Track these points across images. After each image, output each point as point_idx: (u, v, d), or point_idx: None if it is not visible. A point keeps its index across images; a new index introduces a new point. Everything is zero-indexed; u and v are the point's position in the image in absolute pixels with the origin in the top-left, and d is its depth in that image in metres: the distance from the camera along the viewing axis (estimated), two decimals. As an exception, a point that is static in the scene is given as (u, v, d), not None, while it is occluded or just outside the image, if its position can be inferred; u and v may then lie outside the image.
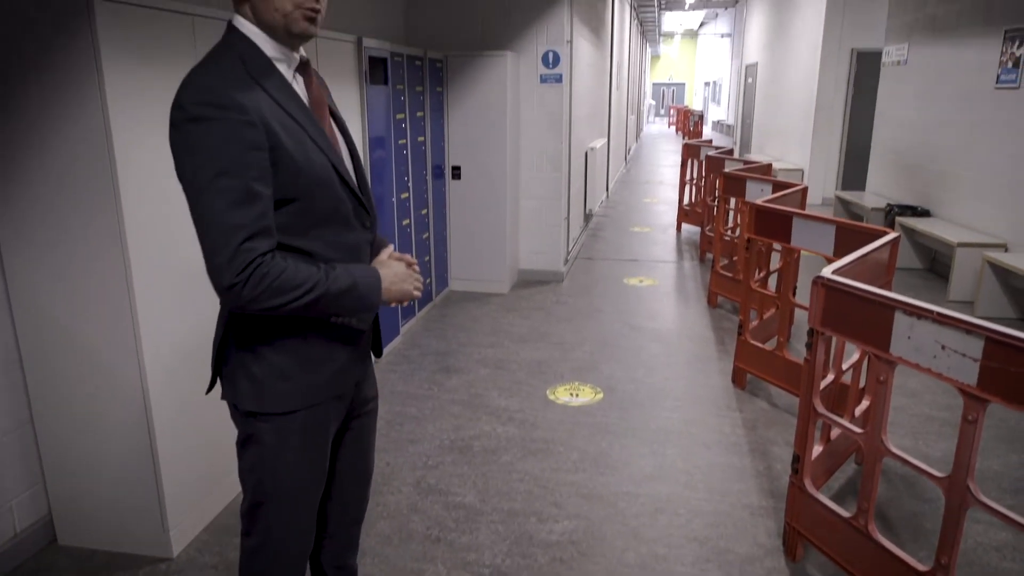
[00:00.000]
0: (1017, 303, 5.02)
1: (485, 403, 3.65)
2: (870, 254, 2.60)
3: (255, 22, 1.35)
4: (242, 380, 1.43)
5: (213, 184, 1.22)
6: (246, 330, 1.42)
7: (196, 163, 1.23)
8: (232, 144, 1.23)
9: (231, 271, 1.22)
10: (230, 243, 1.22)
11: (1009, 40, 5.36)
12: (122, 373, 2.27)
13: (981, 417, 1.79)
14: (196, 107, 1.23)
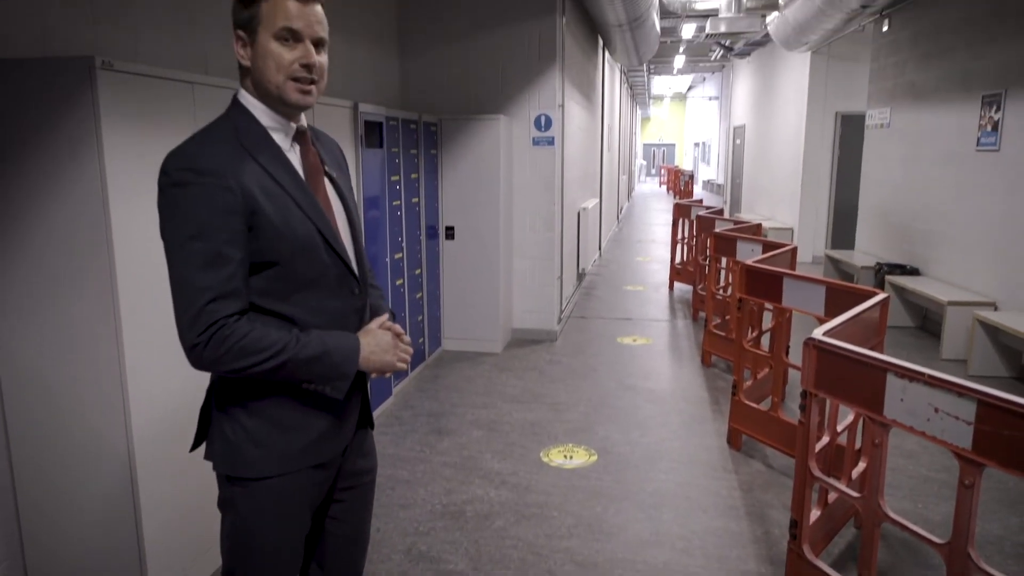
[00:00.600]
0: (1010, 362, 5.03)
1: (478, 466, 3.60)
2: (861, 315, 2.62)
3: (255, 93, 1.41)
4: (218, 442, 1.44)
5: (185, 246, 1.27)
6: (224, 391, 1.43)
7: (173, 225, 1.29)
8: (206, 209, 1.27)
9: (193, 331, 1.26)
10: (194, 304, 1.26)
11: (987, 105, 5.53)
12: (108, 437, 2.23)
13: (978, 481, 1.77)
14: (178, 172, 1.29)
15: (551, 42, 5.58)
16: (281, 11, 1.34)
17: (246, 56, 1.39)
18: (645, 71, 16.96)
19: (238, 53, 1.39)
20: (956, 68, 6.06)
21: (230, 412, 1.42)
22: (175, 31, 2.95)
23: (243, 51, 1.39)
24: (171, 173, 1.29)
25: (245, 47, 1.38)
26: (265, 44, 1.36)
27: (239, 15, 1.37)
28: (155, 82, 2.28)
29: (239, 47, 1.39)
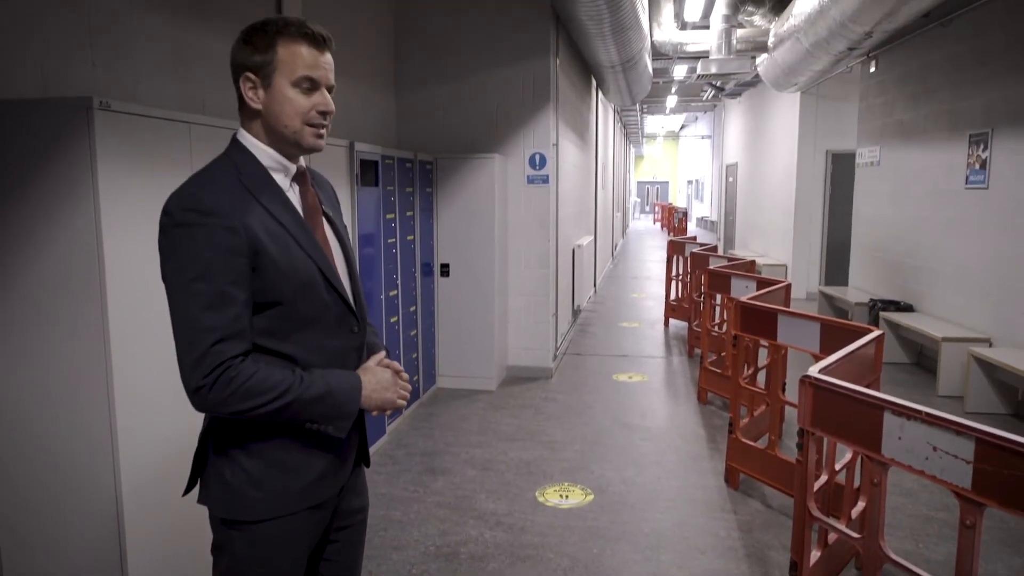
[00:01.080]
0: (1006, 398, 5.01)
1: (472, 506, 3.54)
2: (856, 352, 2.62)
3: (263, 135, 1.42)
4: (215, 485, 1.41)
5: (188, 287, 1.26)
6: (222, 433, 1.40)
7: (176, 266, 1.27)
8: (210, 249, 1.26)
9: (198, 373, 1.24)
10: (199, 345, 1.24)
11: (974, 144, 5.61)
12: (96, 476, 2.19)
13: (979, 521, 1.75)
14: (181, 213, 1.28)
15: (545, 82, 5.67)
16: (300, 60, 1.37)
17: (257, 99, 1.38)
18: (638, 111, 17.22)
19: (247, 95, 1.39)
20: (943, 108, 6.17)
21: (229, 454, 1.39)
22: (173, 73, 2.99)
23: (253, 94, 1.39)
24: (174, 214, 1.28)
25: (255, 90, 1.38)
26: (283, 90, 1.37)
27: (250, 59, 1.37)
28: (152, 122, 2.30)
29: (248, 89, 1.38)
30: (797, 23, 6.12)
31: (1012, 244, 5.12)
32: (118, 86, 2.67)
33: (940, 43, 6.21)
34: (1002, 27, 5.29)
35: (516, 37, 5.64)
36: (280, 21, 1.38)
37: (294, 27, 1.37)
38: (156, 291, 2.30)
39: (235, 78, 1.40)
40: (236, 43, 1.40)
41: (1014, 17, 5.14)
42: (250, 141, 1.42)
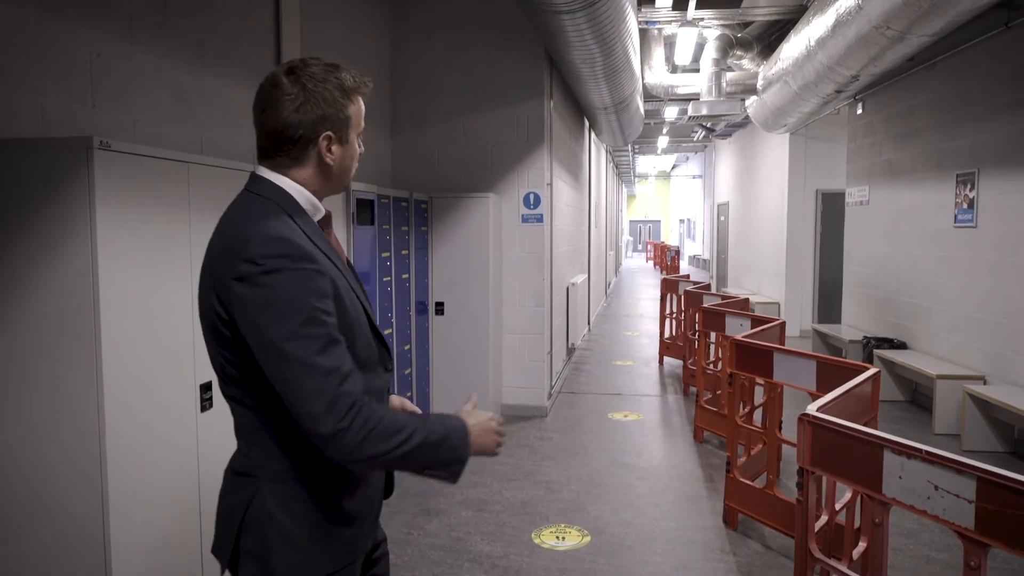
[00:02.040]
0: (1003, 436, 5.00)
1: (467, 548, 3.48)
2: (853, 390, 2.61)
3: (311, 180, 1.38)
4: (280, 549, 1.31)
5: (299, 332, 1.19)
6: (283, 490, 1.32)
7: (277, 315, 1.20)
8: (310, 294, 1.22)
9: (333, 417, 1.18)
10: (327, 390, 1.18)
11: (961, 183, 5.70)
12: (84, 522, 2.15)
13: (984, 562, 1.73)
14: (270, 260, 1.21)
15: (539, 123, 5.75)
16: (361, 111, 1.42)
17: (332, 156, 1.37)
18: (630, 151, 17.45)
19: (326, 152, 1.36)
20: (930, 148, 6.28)
21: (273, 514, 1.31)
22: (172, 114, 3.02)
23: (330, 151, 1.36)
24: (260, 261, 1.21)
25: (333, 145, 1.36)
26: (353, 143, 1.41)
27: (336, 117, 1.35)
28: (151, 162, 2.31)
29: (326, 148, 1.35)
30: (785, 66, 6.26)
31: (1002, 282, 5.16)
32: (117, 126, 2.69)
33: (925, 86, 6.35)
34: (984, 71, 5.43)
35: (511, 79, 5.74)
36: (355, 78, 1.39)
37: (360, 80, 1.40)
38: (149, 333, 2.29)
39: (300, 135, 1.33)
40: (298, 98, 1.32)
41: (994, 62, 5.28)
42: (286, 183, 1.36)
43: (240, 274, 1.21)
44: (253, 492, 1.33)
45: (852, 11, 4.44)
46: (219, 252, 1.29)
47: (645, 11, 6.55)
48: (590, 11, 4.22)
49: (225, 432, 2.67)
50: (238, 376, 1.31)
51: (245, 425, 1.35)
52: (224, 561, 1.37)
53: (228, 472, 1.41)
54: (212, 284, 1.28)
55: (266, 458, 1.33)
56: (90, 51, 2.57)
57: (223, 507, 1.38)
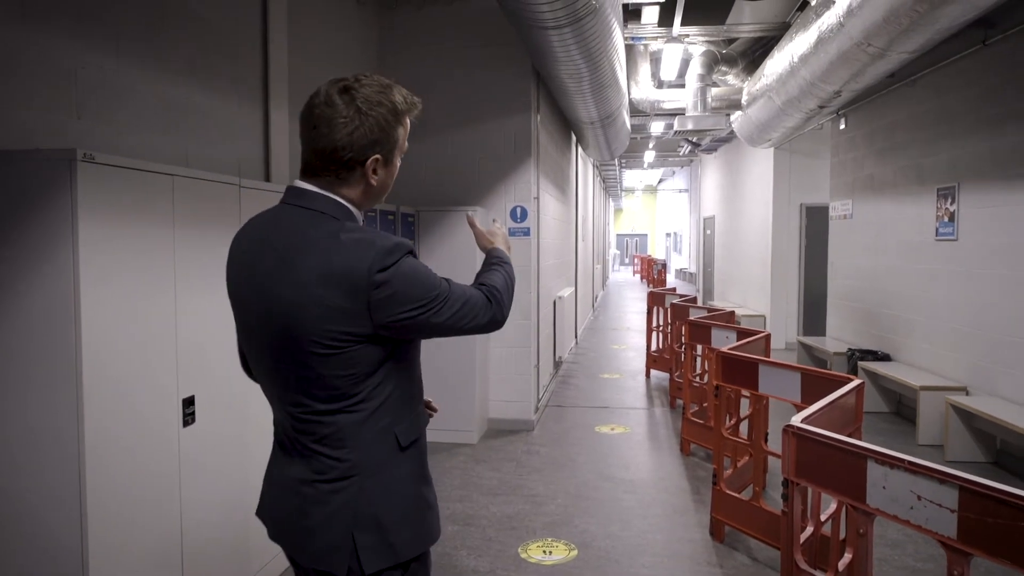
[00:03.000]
0: (986, 446, 5.04)
1: (453, 563, 3.45)
2: (837, 401, 2.63)
3: (356, 198, 1.46)
4: (402, 528, 1.44)
5: (441, 284, 1.44)
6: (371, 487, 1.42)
7: (426, 280, 1.41)
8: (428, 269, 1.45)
9: (491, 313, 1.52)
10: (478, 299, 1.51)
11: (942, 197, 5.78)
12: (62, 540, 2.11)
13: (967, 571, 1.74)
14: (398, 256, 1.36)
15: (526, 138, 5.78)
16: (407, 132, 1.49)
17: (377, 178, 1.45)
18: (617, 165, 17.57)
19: (371, 177, 1.44)
20: (911, 163, 6.37)
21: (383, 502, 1.43)
22: (158, 127, 3.01)
23: (375, 174, 1.44)
24: (394, 257, 1.35)
25: (379, 168, 1.44)
26: (396, 163, 1.49)
27: (386, 141, 1.43)
28: (135, 174, 2.30)
29: (372, 170, 1.43)
30: (769, 82, 6.34)
31: (983, 294, 5.23)
32: (104, 139, 2.68)
33: (906, 102, 6.45)
34: (963, 88, 5.52)
35: (498, 93, 5.77)
36: (410, 101, 1.47)
37: (414, 102, 1.49)
38: (132, 345, 2.27)
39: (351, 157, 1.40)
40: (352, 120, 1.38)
41: (973, 79, 5.38)
42: (352, 209, 1.46)
43: (377, 282, 1.32)
44: (357, 491, 1.41)
45: (834, 28, 4.52)
46: (320, 279, 1.33)
47: (631, 27, 6.63)
48: (577, 27, 4.26)
49: (207, 446, 2.66)
50: (347, 387, 1.38)
51: (342, 431, 1.41)
52: (341, 568, 1.40)
53: (306, 484, 1.43)
54: (334, 306, 1.33)
55: (367, 455, 1.42)
56: (76, 64, 2.56)
57: (319, 518, 1.42)
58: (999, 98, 5.07)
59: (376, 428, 1.42)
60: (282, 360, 1.39)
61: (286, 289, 1.35)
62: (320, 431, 1.41)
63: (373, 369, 1.40)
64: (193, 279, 2.57)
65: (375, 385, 1.41)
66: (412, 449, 1.50)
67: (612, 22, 4.67)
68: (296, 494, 1.44)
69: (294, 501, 1.45)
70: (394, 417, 1.45)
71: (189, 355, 2.57)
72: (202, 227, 2.63)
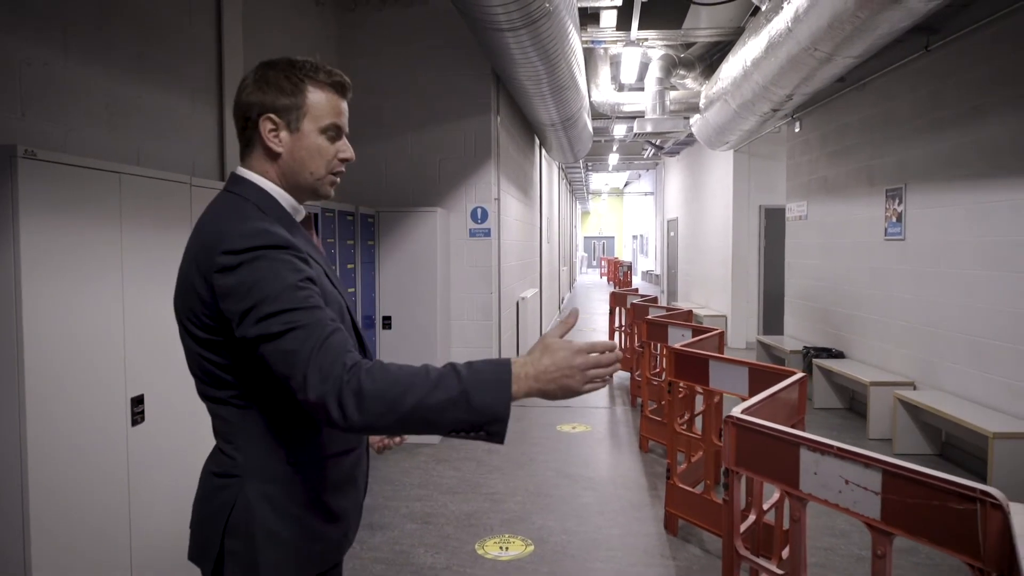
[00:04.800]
0: (932, 439, 5.21)
1: (410, 561, 3.47)
2: (779, 394, 2.71)
3: (276, 178, 1.37)
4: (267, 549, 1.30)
5: (283, 309, 1.16)
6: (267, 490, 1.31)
7: (265, 289, 1.17)
8: (295, 273, 1.21)
9: (321, 384, 1.13)
10: (314, 356, 1.14)
11: (890, 198, 5.97)
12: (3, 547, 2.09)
13: (889, 551, 1.82)
14: (251, 250, 1.20)
15: (486, 139, 5.82)
16: (330, 107, 1.37)
17: (279, 142, 1.34)
18: (582, 168, 17.72)
19: (268, 137, 1.33)
20: (861, 165, 6.56)
21: (259, 515, 1.30)
22: (107, 124, 2.98)
23: (275, 136, 1.34)
24: (241, 252, 1.20)
25: (277, 132, 1.34)
26: (311, 137, 1.35)
27: (276, 101, 1.33)
28: (80, 171, 2.29)
29: (268, 131, 1.33)
30: (725, 86, 6.48)
31: (928, 292, 5.41)
32: (50, 136, 2.65)
33: (857, 106, 6.64)
34: (908, 92, 5.71)
35: (458, 95, 5.81)
36: (308, 64, 1.35)
37: (324, 73, 1.36)
38: (77, 343, 2.25)
39: (247, 117, 1.34)
40: (251, 83, 1.34)
41: (917, 84, 5.56)
42: (268, 184, 1.36)
43: (220, 266, 1.20)
44: (237, 492, 1.30)
45: (783, 33, 4.64)
46: (196, 252, 1.27)
47: (591, 30, 6.71)
48: (532, 28, 4.32)
49: (157, 445, 2.64)
50: (225, 376, 1.29)
51: (228, 425, 1.33)
52: (208, 567, 1.33)
53: (206, 475, 1.38)
54: (192, 285, 1.26)
55: (250, 457, 1.31)
56: (20, 59, 2.53)
57: (201, 511, 1.36)
58: (940, 102, 5.25)
59: (260, 429, 1.31)
60: (181, 338, 1.35)
61: (180, 267, 1.32)
62: (215, 420, 1.36)
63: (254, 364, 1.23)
64: (142, 277, 2.56)
65: (262, 381, 1.27)
66: (310, 467, 1.34)
67: (568, 24, 4.74)
68: (200, 485, 1.39)
69: (197, 492, 1.40)
70: (287, 423, 1.31)
71: (138, 354, 2.55)
72: (152, 225, 2.61)
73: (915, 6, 3.56)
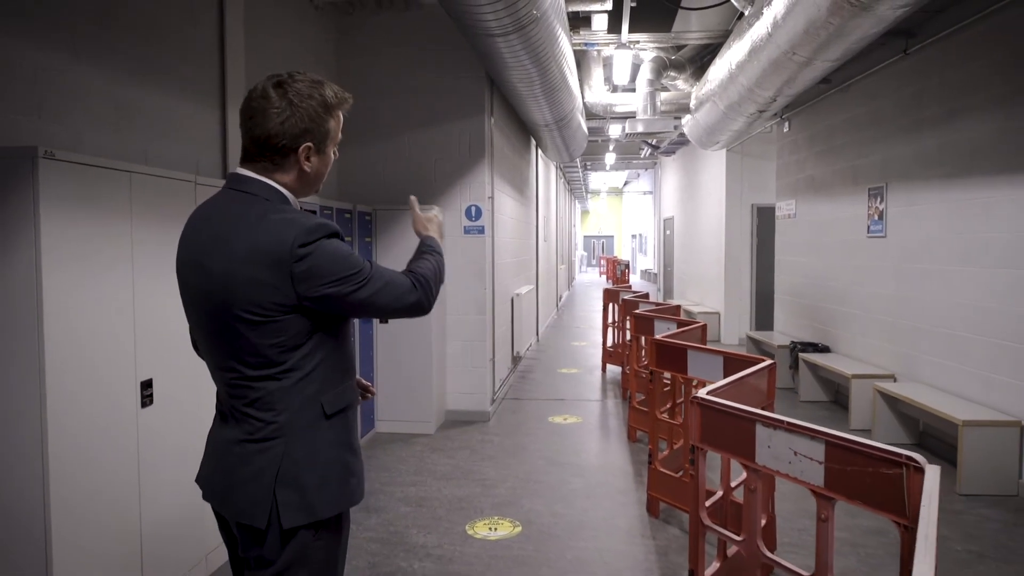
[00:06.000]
0: (910, 429, 5.39)
1: (404, 540, 3.66)
2: (747, 379, 2.89)
3: (294, 186, 1.63)
4: (292, 497, 1.53)
5: (366, 264, 1.59)
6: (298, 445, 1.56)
7: (347, 258, 1.55)
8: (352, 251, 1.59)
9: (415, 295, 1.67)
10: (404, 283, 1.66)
11: (872, 197, 6.15)
12: (27, 519, 2.27)
13: (831, 515, 2.00)
14: (320, 235, 1.52)
15: (480, 139, 6.01)
16: (339, 125, 1.66)
17: (310, 164, 1.61)
18: (580, 167, 17.89)
19: (304, 164, 1.59)
20: (846, 164, 6.74)
21: (305, 463, 1.56)
22: (115, 125, 3.17)
23: (308, 161, 1.60)
24: (314, 237, 1.51)
25: (311, 156, 1.60)
26: (329, 154, 1.65)
27: (314, 132, 1.58)
28: (94, 171, 2.47)
29: (304, 158, 1.59)
30: (713, 87, 6.65)
31: (907, 287, 5.59)
32: (62, 137, 2.84)
33: (842, 106, 6.82)
34: (890, 94, 5.89)
35: (453, 97, 5.99)
36: (340, 96, 1.63)
37: (344, 97, 1.65)
38: (92, 332, 2.43)
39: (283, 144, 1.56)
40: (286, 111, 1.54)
41: (898, 86, 5.74)
42: (283, 189, 1.61)
43: (301, 255, 1.49)
44: (282, 451, 1.55)
45: (764, 38, 4.82)
46: (248, 254, 1.49)
47: (583, 33, 6.89)
48: (522, 34, 4.50)
49: (163, 426, 2.82)
50: (277, 355, 1.54)
51: (270, 395, 1.55)
52: (262, 520, 1.53)
53: (233, 443, 1.58)
54: (257, 279, 1.49)
55: (292, 418, 1.55)
56: (34, 65, 2.71)
57: (245, 474, 1.55)
58: (920, 104, 5.43)
59: (303, 395, 1.56)
60: (217, 330, 1.56)
61: (219, 264, 1.51)
62: (251, 395, 1.55)
63: (301, 340, 1.54)
64: (150, 269, 2.74)
65: (303, 355, 1.55)
66: (338, 418, 1.62)
67: (557, 28, 4.91)
68: (228, 454, 1.59)
69: (225, 461, 1.59)
70: (321, 387, 1.59)
71: (147, 340, 2.74)
72: (159, 220, 2.80)
73: (884, 13, 3.74)
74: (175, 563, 2.93)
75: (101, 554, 2.49)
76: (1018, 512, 4.06)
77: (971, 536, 3.75)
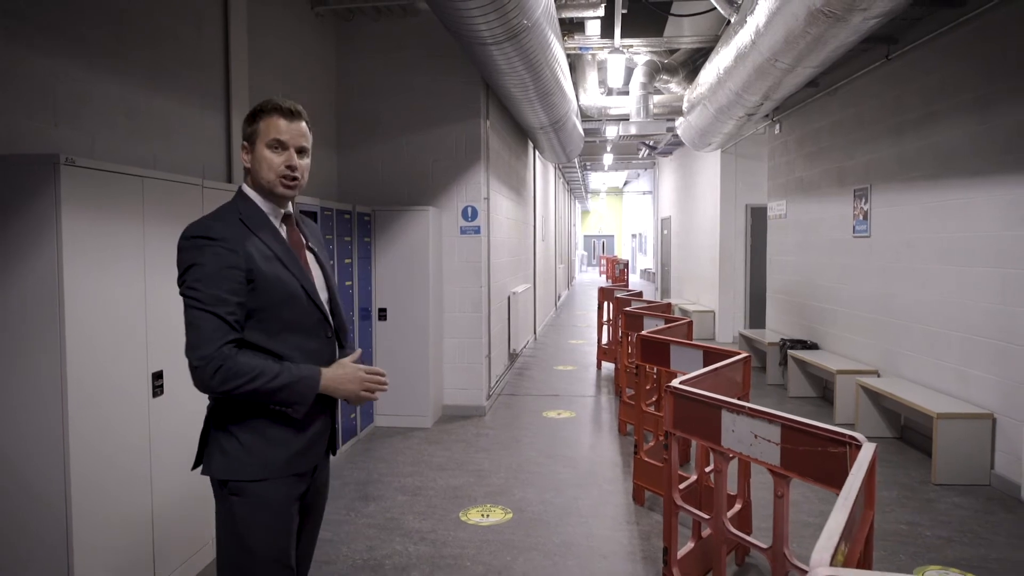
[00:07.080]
0: (892, 423, 5.57)
1: (400, 525, 3.84)
2: (721, 371, 3.08)
3: (254, 187, 1.88)
4: (217, 455, 1.80)
5: (199, 290, 1.69)
6: (221, 414, 1.81)
7: (189, 273, 1.71)
8: (215, 263, 1.71)
9: (198, 354, 1.70)
10: (210, 341, 1.70)
11: (858, 198, 6.32)
12: (49, 503, 2.46)
13: (787, 492, 2.18)
14: (194, 238, 1.73)
15: (476, 142, 6.19)
16: (272, 127, 1.83)
17: (247, 160, 1.87)
18: (579, 167, 18.07)
19: (242, 158, 1.88)
20: (834, 166, 6.91)
21: (228, 429, 1.79)
22: (127, 132, 3.36)
23: (245, 156, 1.87)
24: (188, 238, 1.73)
25: (247, 153, 1.87)
26: (260, 151, 1.84)
27: (245, 130, 1.86)
28: (110, 176, 2.66)
29: (243, 154, 1.88)
30: (703, 91, 6.83)
31: (890, 285, 5.76)
32: (76, 142, 3.03)
33: (828, 110, 7.00)
34: (874, 98, 6.07)
35: (449, 100, 6.18)
36: (266, 102, 1.86)
37: (270, 104, 1.85)
38: (108, 327, 2.62)
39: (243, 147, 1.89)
40: (247, 121, 1.87)
41: (881, 90, 5.92)
42: (250, 192, 1.88)
43: (178, 246, 1.76)
44: (208, 416, 1.86)
45: (748, 46, 5.00)
46: None
47: (578, 38, 7.07)
48: (515, 42, 4.68)
49: (171, 414, 3.01)
50: None
51: None
52: (200, 459, 1.85)
53: None
54: None
55: None
56: (51, 75, 2.90)
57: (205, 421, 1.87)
58: (901, 108, 5.61)
59: None
60: None
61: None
62: None
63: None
64: (160, 267, 2.93)
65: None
66: None
67: (549, 35, 5.10)
68: None
69: None
70: None
71: (158, 334, 2.92)
72: (169, 221, 2.99)
73: (858, 24, 3.91)
74: (184, 542, 3.12)
75: (116, 531, 2.68)
76: (989, 500, 4.24)
77: (941, 523, 3.93)
